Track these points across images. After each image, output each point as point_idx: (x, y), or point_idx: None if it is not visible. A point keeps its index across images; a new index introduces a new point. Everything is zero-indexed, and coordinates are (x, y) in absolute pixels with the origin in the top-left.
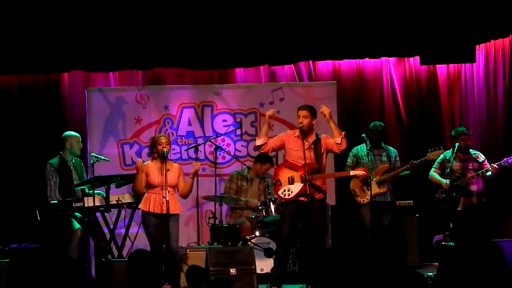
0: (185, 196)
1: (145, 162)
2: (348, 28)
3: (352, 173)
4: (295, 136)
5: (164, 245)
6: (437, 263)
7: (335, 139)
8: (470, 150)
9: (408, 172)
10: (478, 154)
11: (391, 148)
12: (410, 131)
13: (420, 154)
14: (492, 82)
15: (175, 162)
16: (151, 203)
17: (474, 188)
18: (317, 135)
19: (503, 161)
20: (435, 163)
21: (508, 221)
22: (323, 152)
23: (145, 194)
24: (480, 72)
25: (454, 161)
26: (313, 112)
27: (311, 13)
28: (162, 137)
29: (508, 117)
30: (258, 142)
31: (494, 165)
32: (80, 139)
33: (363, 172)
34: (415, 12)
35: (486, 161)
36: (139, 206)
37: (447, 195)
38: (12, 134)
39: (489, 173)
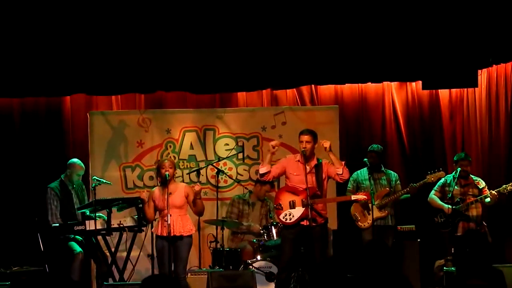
0: (198, 214)
1: (154, 188)
2: (350, 53)
3: (353, 197)
4: (296, 161)
5: (170, 269)
6: None
7: (336, 170)
8: (472, 176)
9: (409, 195)
10: (479, 180)
11: (391, 172)
12: (412, 155)
13: (422, 178)
14: (494, 107)
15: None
16: (159, 226)
17: (473, 213)
18: (318, 160)
19: (501, 188)
20: (436, 186)
21: (510, 246)
22: (325, 177)
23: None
24: (482, 97)
25: (455, 186)
26: (315, 137)
27: (313, 38)
28: (166, 161)
29: (511, 141)
30: (262, 170)
31: (494, 192)
32: (83, 172)
33: (364, 197)
34: (418, 37)
35: (487, 187)
36: (153, 230)
37: (446, 219)
38: (13, 156)
39: (488, 199)
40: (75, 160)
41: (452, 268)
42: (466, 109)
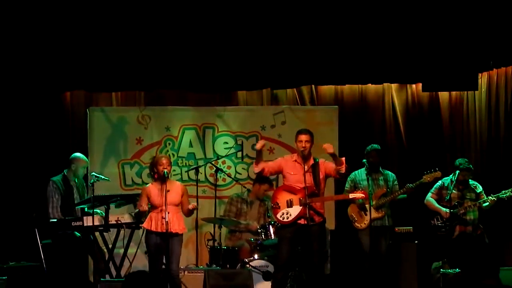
0: (187, 215)
1: (147, 184)
2: (351, 53)
3: (351, 195)
4: (293, 161)
5: (164, 266)
6: None
7: (337, 169)
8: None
9: (405, 195)
10: (476, 184)
11: (389, 172)
12: (411, 157)
13: (420, 179)
14: (494, 110)
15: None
16: (152, 221)
17: (470, 216)
18: (315, 159)
19: (501, 193)
20: (432, 189)
21: (508, 249)
22: (322, 177)
23: (150, 213)
24: (482, 100)
25: (453, 190)
26: (313, 136)
27: (314, 38)
28: (163, 158)
29: (509, 144)
30: (256, 169)
31: (493, 198)
32: (87, 165)
33: (362, 195)
34: (419, 39)
35: (483, 191)
36: (142, 225)
37: (443, 222)
38: (13, 151)
39: (486, 204)
40: (78, 154)
41: (450, 270)
42: (466, 111)
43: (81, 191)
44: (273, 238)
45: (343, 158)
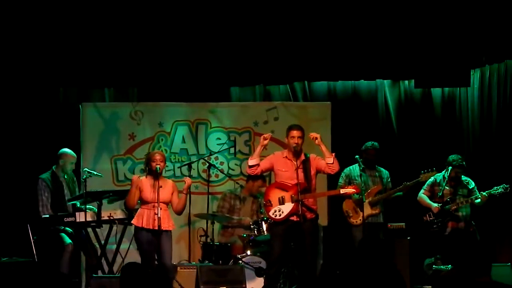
0: (179, 212)
1: (140, 178)
2: (344, 50)
3: (342, 191)
4: (284, 157)
5: (156, 262)
6: (428, 287)
7: (326, 160)
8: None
9: (401, 193)
10: (469, 180)
11: (383, 169)
12: (404, 153)
13: (413, 177)
14: (486, 106)
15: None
16: (144, 218)
17: (462, 213)
18: (305, 155)
19: (492, 189)
20: (425, 185)
21: (502, 246)
22: (314, 172)
23: (139, 209)
24: (474, 96)
25: (445, 186)
26: (304, 132)
27: (307, 34)
28: (157, 154)
29: (502, 141)
30: (251, 162)
31: (484, 194)
32: (75, 160)
33: (353, 190)
34: (411, 35)
35: (476, 188)
36: (132, 222)
37: (435, 219)
38: (5, 148)
39: (478, 200)
40: (66, 149)
41: (442, 267)
42: (459, 107)
43: (72, 186)
44: (265, 234)
45: (333, 154)
